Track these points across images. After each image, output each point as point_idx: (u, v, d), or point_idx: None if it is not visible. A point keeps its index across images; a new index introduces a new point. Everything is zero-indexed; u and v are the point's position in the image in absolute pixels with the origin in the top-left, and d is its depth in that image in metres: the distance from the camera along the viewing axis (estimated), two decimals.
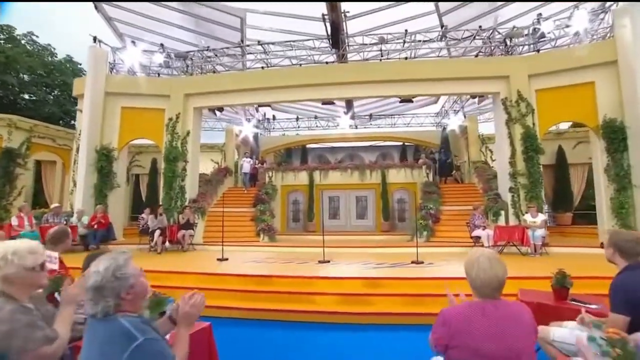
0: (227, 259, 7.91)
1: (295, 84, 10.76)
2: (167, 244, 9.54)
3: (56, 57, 18.11)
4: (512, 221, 9.56)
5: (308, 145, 21.51)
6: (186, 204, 10.94)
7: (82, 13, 10.86)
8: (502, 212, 9.64)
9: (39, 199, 14.17)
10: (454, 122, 16.38)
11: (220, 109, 12.41)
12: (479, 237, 8.78)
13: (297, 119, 18.29)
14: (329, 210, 15.02)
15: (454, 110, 16.40)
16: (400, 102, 11.64)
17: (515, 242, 8.32)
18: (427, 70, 10.35)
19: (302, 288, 5.59)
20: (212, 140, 17.19)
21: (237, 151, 17.50)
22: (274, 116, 18.54)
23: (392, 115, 18.58)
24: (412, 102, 11.67)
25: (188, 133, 11.30)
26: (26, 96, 16.34)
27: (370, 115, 18.23)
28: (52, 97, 17.17)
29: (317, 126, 18.77)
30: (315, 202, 14.72)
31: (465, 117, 16.51)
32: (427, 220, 11.12)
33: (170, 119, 11.17)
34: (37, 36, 17.28)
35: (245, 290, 5.59)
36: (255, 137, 17.92)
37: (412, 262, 7.16)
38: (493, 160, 14.87)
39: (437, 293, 5.26)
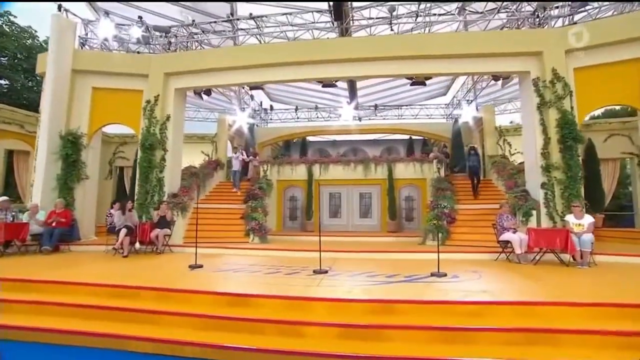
0: (201, 266, 6.34)
1: (291, 60, 9.13)
2: (137, 245, 7.97)
3: (37, 40, 16.55)
4: (545, 223, 7.94)
5: (308, 139, 19.94)
6: (164, 198, 9.38)
7: None
8: (534, 212, 8.00)
9: (10, 192, 12.62)
10: (466, 114, 14.72)
11: (208, 92, 10.80)
12: (507, 242, 7.16)
13: (296, 109, 16.66)
14: (330, 208, 13.48)
15: (467, 100, 14.74)
16: (412, 84, 10.00)
17: (555, 250, 6.68)
18: (443, 45, 8.70)
19: (288, 314, 3.99)
20: (204, 131, 15.60)
21: (230, 143, 15.90)
22: (271, 106, 16.93)
23: (398, 106, 16.94)
24: (425, 84, 10.04)
25: (168, 117, 9.71)
26: (2, 81, 14.84)
27: (375, 106, 16.59)
28: (31, 83, 15.63)
29: (317, 117, 17.14)
30: (315, 199, 13.20)
31: (477, 108, 14.88)
32: (441, 220, 9.51)
33: (148, 102, 9.59)
34: (15, 16, 15.76)
35: (210, 316, 4.00)
36: (251, 128, 16.31)
37: (432, 275, 5.55)
38: (512, 154, 13.25)
39: (476, 327, 3.65)
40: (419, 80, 9.84)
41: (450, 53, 8.66)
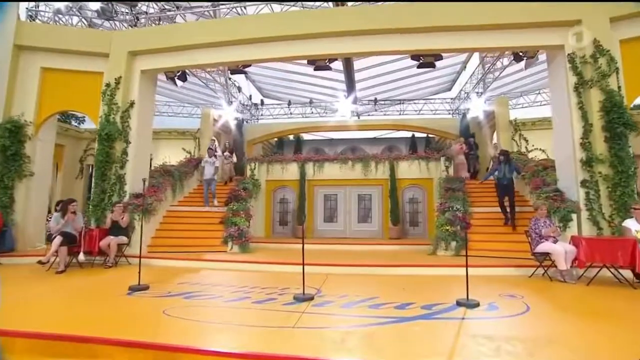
0: (146, 288, 4.66)
1: (277, 35, 7.50)
2: (81, 256, 6.26)
3: None
4: (587, 229, 6.29)
5: (303, 138, 18.34)
6: (125, 199, 7.71)
7: None
8: (574, 216, 6.34)
9: None
10: (476, 107, 13.13)
11: (183, 77, 9.16)
12: (546, 255, 5.48)
13: (289, 103, 15.03)
14: (324, 212, 11.80)
15: (477, 92, 13.13)
16: (419, 66, 8.39)
17: (615, 266, 5.00)
18: (457, 14, 7.05)
19: None
20: (186, 126, 13.97)
21: (217, 140, 14.24)
22: (262, 101, 15.31)
23: (400, 100, 15.33)
24: (435, 66, 8.43)
25: (132, 104, 8.06)
26: None
27: (375, 100, 14.97)
28: None
29: (312, 113, 15.51)
30: (308, 201, 11.58)
31: (485, 103, 13.28)
32: (454, 226, 7.87)
33: (108, 85, 7.95)
34: None
35: None
36: (239, 124, 14.65)
37: (459, 304, 3.88)
38: (529, 151, 11.62)
39: None
40: (427, 62, 8.21)
41: (465, 24, 7.05)
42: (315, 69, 8.54)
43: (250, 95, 14.71)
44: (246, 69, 9.35)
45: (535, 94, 13.82)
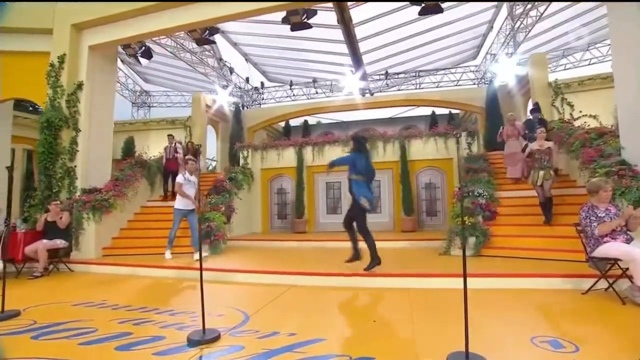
0: (13, 315, 3.23)
1: None
2: None
3: None
4: None
5: (321, 122, 16.58)
6: (77, 195, 6.47)
7: None
8: None
9: None
10: (505, 71, 10.67)
11: (147, 55, 7.71)
12: (612, 261, 3.41)
13: (291, 84, 13.27)
14: (327, 202, 10.09)
15: (507, 54, 10.61)
16: (421, 12, 6.28)
17: None
18: None
19: None
20: (175, 114, 12.70)
21: (214, 128, 12.87)
22: (262, 83, 13.69)
23: (416, 71, 13.05)
24: (442, 10, 6.25)
25: (80, 86, 6.76)
26: None
27: (386, 74, 12.83)
28: None
29: (317, 93, 13.65)
30: (308, 191, 9.93)
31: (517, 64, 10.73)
32: (474, 216, 5.86)
33: (52, 65, 6.70)
34: None
35: None
36: (237, 110, 13.14)
37: None
38: (575, 119, 9.09)
39: None
40: (430, 6, 6.11)
41: None
42: (292, 29, 6.73)
43: (247, 78, 13.13)
44: (214, 38, 7.73)
45: (582, 51, 11.03)
